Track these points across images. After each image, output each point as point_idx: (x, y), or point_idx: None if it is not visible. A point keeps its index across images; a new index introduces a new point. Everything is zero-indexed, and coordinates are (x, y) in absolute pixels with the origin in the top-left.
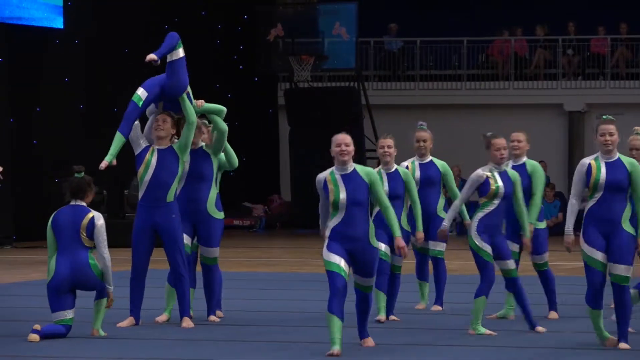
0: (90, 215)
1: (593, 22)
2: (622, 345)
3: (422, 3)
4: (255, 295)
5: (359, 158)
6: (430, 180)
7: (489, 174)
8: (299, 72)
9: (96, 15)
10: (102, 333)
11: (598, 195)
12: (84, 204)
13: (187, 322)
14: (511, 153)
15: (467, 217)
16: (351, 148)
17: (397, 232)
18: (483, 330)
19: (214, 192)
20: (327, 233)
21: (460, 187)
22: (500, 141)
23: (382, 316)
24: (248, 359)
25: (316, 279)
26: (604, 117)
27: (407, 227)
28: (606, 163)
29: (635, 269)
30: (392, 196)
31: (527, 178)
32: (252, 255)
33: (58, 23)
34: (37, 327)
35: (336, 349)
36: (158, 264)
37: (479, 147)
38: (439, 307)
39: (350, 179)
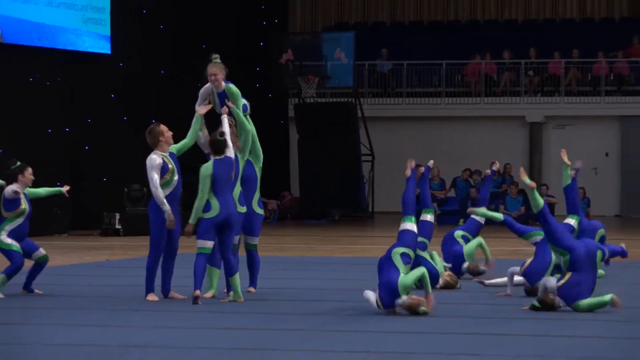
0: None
1: (550, 48)
2: None
3: (408, 33)
4: (272, 275)
5: (356, 162)
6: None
7: None
8: (306, 90)
9: (136, 43)
10: None
11: None
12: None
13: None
14: None
15: None
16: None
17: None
18: None
19: (257, 192)
20: None
21: (439, 185)
22: None
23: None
24: (284, 325)
25: (321, 261)
26: None
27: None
28: None
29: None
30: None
31: None
32: (267, 242)
33: (106, 49)
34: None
35: None
36: (186, 248)
37: (453, 151)
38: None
39: None
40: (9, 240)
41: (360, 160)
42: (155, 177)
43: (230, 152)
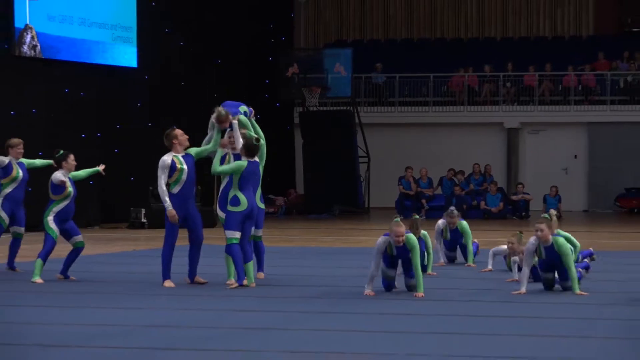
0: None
1: (525, 62)
2: None
3: (400, 49)
4: (279, 263)
5: (353, 164)
6: None
7: None
8: (309, 99)
9: (159, 57)
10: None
11: None
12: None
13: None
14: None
15: None
16: (402, 238)
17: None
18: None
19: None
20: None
21: (427, 184)
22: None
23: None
24: (290, 307)
25: (323, 251)
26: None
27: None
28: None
29: None
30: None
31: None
32: (275, 234)
33: (132, 63)
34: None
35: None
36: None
37: (440, 153)
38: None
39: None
40: (53, 225)
41: (358, 161)
42: (161, 177)
43: (256, 157)
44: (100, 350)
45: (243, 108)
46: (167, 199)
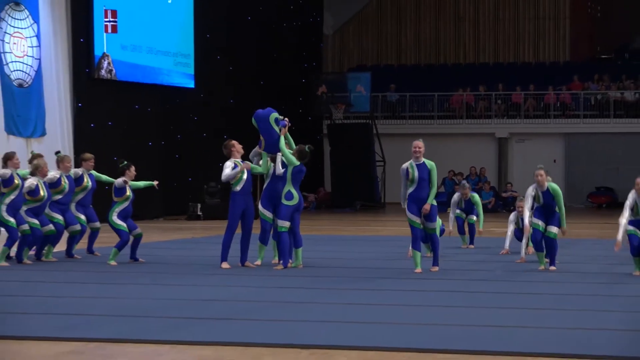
0: None
1: (513, 83)
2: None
3: (410, 72)
4: (311, 249)
5: (371, 167)
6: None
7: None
8: (336, 114)
9: (212, 80)
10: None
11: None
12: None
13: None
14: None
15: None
16: (422, 149)
17: (430, 200)
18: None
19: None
20: (405, 201)
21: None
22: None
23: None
24: (321, 285)
25: (346, 239)
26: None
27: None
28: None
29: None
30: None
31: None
32: (306, 224)
33: (190, 84)
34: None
35: (419, 269)
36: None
37: (443, 158)
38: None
39: (420, 166)
40: (119, 221)
41: (375, 164)
42: (227, 169)
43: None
44: (161, 320)
45: (274, 115)
46: (232, 172)
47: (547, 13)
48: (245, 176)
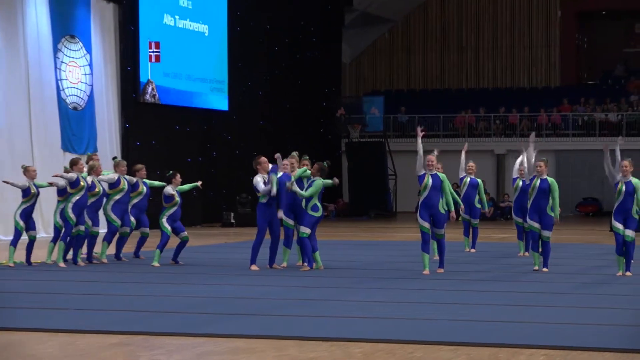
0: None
1: (510, 106)
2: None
3: (418, 96)
4: (331, 252)
5: (384, 180)
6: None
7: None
8: (353, 133)
9: (244, 103)
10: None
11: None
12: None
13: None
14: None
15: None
16: (435, 163)
17: (450, 207)
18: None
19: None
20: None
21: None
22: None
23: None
24: (340, 284)
25: (362, 244)
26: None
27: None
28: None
29: None
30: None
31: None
32: (327, 231)
33: (224, 107)
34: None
35: (426, 270)
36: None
37: (447, 172)
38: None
39: (434, 176)
40: (167, 224)
41: (388, 178)
42: (259, 184)
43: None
44: (198, 315)
45: (274, 177)
46: (264, 187)
47: (540, 43)
48: (274, 189)
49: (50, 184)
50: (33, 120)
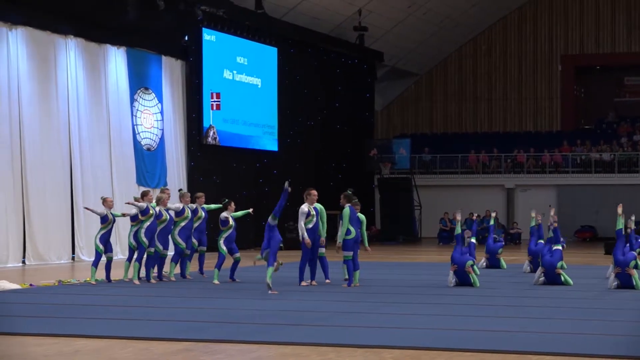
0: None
1: (518, 147)
2: None
3: (439, 138)
4: (365, 272)
5: (410, 210)
6: None
7: None
8: (384, 170)
9: (291, 145)
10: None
11: None
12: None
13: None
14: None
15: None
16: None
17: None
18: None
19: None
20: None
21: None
22: None
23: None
24: (372, 299)
25: (392, 265)
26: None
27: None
28: None
29: None
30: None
31: None
32: (362, 253)
33: (274, 148)
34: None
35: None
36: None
37: (464, 204)
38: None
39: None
40: (223, 246)
41: (414, 208)
42: (301, 219)
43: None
44: (252, 326)
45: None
46: (304, 233)
47: (543, 95)
48: (315, 219)
49: (124, 215)
50: (113, 159)
